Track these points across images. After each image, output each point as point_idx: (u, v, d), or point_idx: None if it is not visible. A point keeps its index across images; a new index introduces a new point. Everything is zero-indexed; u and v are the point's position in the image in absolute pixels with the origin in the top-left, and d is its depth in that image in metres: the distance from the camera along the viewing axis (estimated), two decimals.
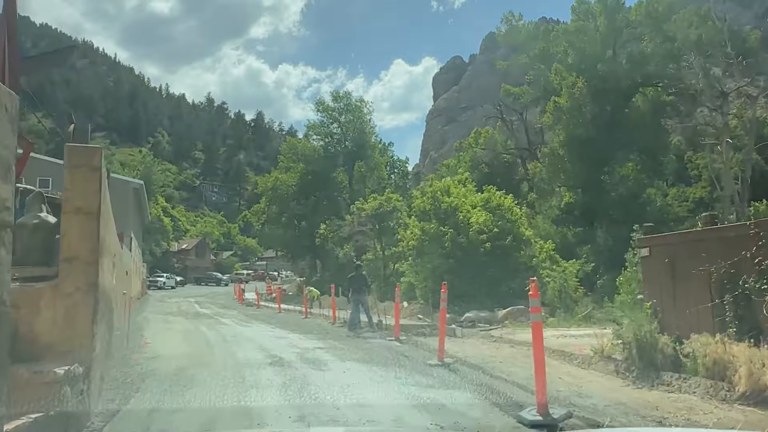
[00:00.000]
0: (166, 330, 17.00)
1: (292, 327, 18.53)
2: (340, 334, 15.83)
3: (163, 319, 22.68)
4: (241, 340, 14.04)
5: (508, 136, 55.15)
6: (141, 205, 35.15)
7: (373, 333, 15.94)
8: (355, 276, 17.43)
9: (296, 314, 26.72)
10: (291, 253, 49.21)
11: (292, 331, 16.89)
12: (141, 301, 37.04)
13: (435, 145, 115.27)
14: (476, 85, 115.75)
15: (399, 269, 34.37)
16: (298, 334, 15.77)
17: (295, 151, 46.62)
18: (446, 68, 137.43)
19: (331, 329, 17.95)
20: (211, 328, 18.07)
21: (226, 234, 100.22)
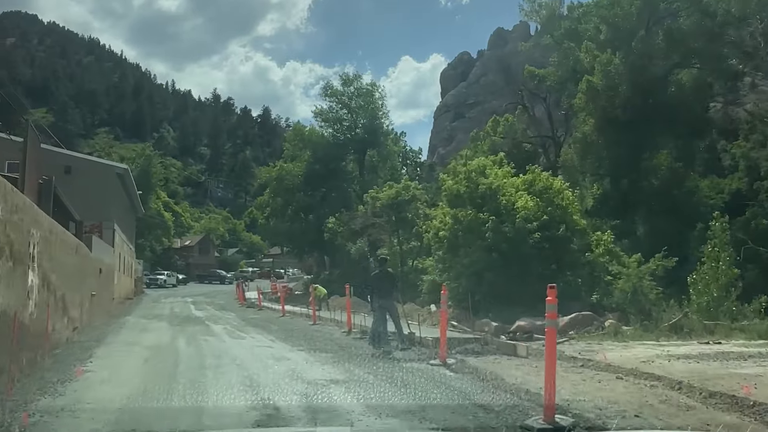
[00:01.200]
0: (131, 345, 12.78)
1: (296, 339, 14.29)
2: (361, 352, 11.56)
3: (142, 327, 18.48)
4: (224, 364, 9.79)
5: (528, 124, 50.68)
6: (130, 193, 30.97)
7: (405, 351, 11.66)
8: (381, 275, 13.13)
9: (303, 319, 22.50)
10: (297, 248, 44.96)
11: (296, 347, 12.64)
12: (131, 303, 32.92)
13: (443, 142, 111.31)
14: (484, 81, 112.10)
15: (420, 266, 30.10)
16: (304, 353, 11.51)
17: (301, 137, 42.33)
18: (454, 64, 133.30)
19: (346, 343, 13.68)
20: (193, 341, 13.83)
21: (231, 230, 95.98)
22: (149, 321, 21.25)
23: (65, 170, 25.27)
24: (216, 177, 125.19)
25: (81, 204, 24.58)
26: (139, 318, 22.84)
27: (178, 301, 35.09)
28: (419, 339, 12.65)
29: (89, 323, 17.23)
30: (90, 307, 17.33)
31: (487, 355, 11.66)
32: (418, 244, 30.09)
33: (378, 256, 16.75)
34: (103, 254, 21.88)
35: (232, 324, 19.80)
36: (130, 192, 31.08)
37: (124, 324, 19.37)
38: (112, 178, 25.47)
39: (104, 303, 21.70)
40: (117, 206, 27.22)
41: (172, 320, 21.42)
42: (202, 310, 28.61)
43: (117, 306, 27.45)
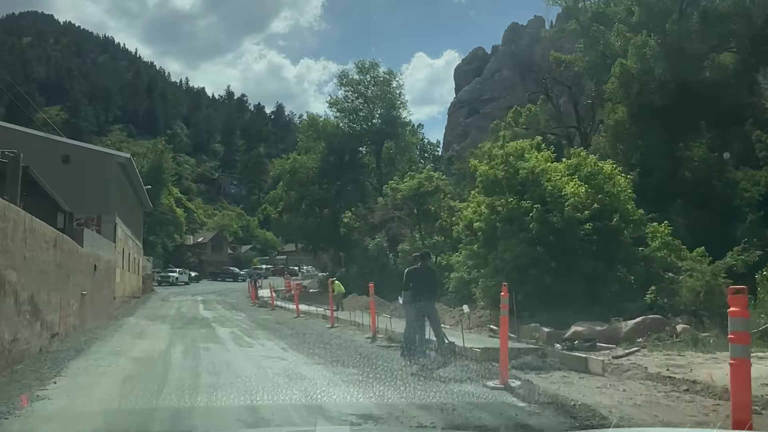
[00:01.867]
0: (117, 356, 10.58)
1: (313, 347, 12.01)
2: (394, 368, 9.24)
3: (140, 330, 16.33)
4: (222, 385, 7.56)
5: (552, 114, 48.03)
6: (135, 186, 28.90)
7: (447, 366, 9.35)
8: (421, 271, 10.82)
9: (319, 320, 20.26)
10: (312, 244, 42.71)
11: (312, 359, 10.36)
12: (137, 302, 30.90)
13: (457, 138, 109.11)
14: (499, 77, 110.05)
15: (445, 262, 27.75)
16: (323, 368, 9.23)
17: (315, 128, 40.04)
18: (468, 60, 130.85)
19: (373, 353, 11.37)
20: (192, 350, 11.61)
21: (244, 227, 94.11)
22: (150, 323, 19.13)
23: (63, 159, 23.28)
24: (229, 174, 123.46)
25: (79, 195, 22.58)
26: (141, 319, 20.75)
27: (187, 300, 33.04)
28: (462, 349, 10.31)
29: (80, 326, 15.12)
30: (80, 309, 15.20)
31: (550, 371, 9.32)
32: (442, 238, 27.72)
33: (419, 250, 14.24)
34: (101, 249, 19.79)
35: (241, 327, 17.59)
36: (135, 184, 29.02)
37: (121, 327, 17.26)
38: (113, 169, 23.40)
39: (102, 303, 19.62)
40: (120, 199, 25.17)
41: (175, 322, 19.28)
42: (210, 309, 26.50)
43: (120, 306, 25.41)
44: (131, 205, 31.24)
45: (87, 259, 16.31)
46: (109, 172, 23.33)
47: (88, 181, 23.07)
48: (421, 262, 10.92)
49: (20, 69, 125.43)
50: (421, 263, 10.86)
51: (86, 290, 15.94)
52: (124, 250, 26.32)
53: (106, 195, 23.04)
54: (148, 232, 57.02)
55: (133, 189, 29.83)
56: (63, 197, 21.70)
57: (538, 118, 46.47)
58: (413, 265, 11.10)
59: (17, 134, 23.11)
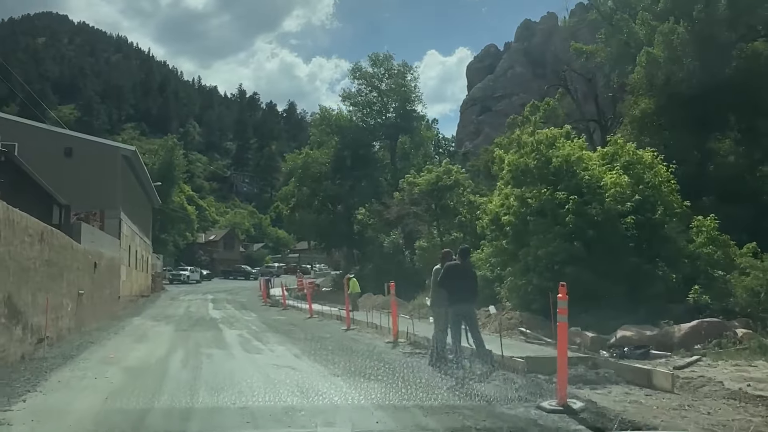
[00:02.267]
0: (108, 365, 9.31)
1: (329, 354, 10.65)
2: (426, 381, 7.88)
3: (142, 333, 15.09)
4: (222, 407, 6.25)
5: (570, 107, 46.35)
6: (142, 181, 27.72)
7: (488, 379, 7.95)
8: (459, 269, 9.36)
9: (334, 321, 18.94)
10: (325, 242, 41.39)
11: (329, 368, 9.02)
12: (145, 301, 29.78)
13: (470, 136, 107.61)
14: (512, 74, 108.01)
15: None
16: (343, 381, 7.88)
17: (328, 122, 38.69)
18: (480, 57, 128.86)
19: (397, 360, 10.00)
20: (193, 357, 10.31)
21: (256, 225, 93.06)
22: (155, 324, 17.90)
23: (65, 152, 22.13)
24: (242, 172, 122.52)
25: (82, 190, 21.46)
26: (146, 320, 19.54)
27: (197, 299, 31.91)
28: (500, 359, 8.91)
29: (76, 329, 13.89)
30: (77, 310, 13.97)
31: (606, 385, 7.93)
32: (461, 235, 26.29)
33: (447, 246, 12.75)
34: (103, 246, 18.60)
35: (250, 329, 16.30)
36: (141, 179, 27.85)
37: (123, 328, 16.02)
38: (118, 162, 22.22)
39: (104, 303, 18.42)
40: (126, 194, 24.00)
41: (181, 323, 18.04)
42: (220, 309, 25.30)
43: (126, 305, 24.25)
44: (139, 201, 30.10)
45: (85, 255, 15.07)
46: (114, 165, 22.15)
47: (91, 175, 21.92)
48: (461, 258, 9.46)
49: (34, 68, 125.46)
50: (461, 262, 9.40)
51: (84, 289, 14.70)
52: (130, 248, 25.18)
53: (110, 189, 21.89)
54: (159, 229, 56.08)
55: (141, 184, 28.68)
56: (65, 192, 20.57)
57: (557, 112, 44.85)
58: (448, 261, 9.63)
59: (18, 126, 22.00)
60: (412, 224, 28.69)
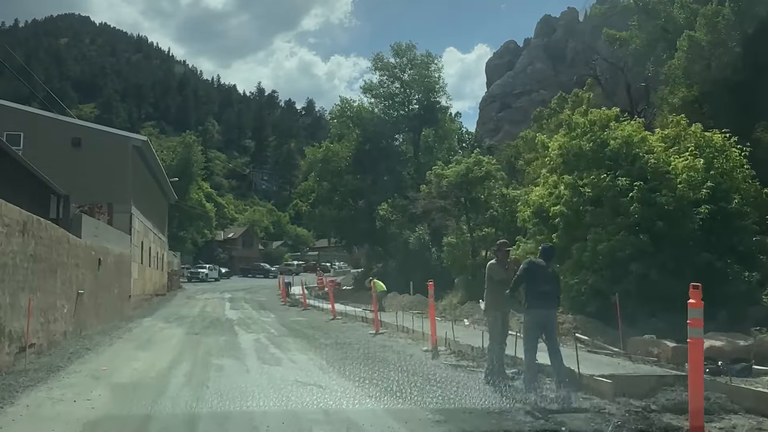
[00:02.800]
0: (96, 380, 7.73)
1: (359, 366, 8.96)
2: (484, 403, 6.13)
3: (148, 337, 13.52)
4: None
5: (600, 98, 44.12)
6: (156, 175, 26.25)
7: (571, 407, 6.16)
8: (541, 269, 7.33)
9: (359, 324, 17.24)
10: (346, 239, 39.63)
11: (363, 387, 7.32)
12: (160, 300, 28.37)
13: (489, 133, 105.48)
14: (531, 70, 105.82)
15: None
16: (382, 407, 6.14)
17: (349, 113, 36.93)
18: (500, 53, 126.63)
19: (443, 376, 8.24)
20: (201, 371, 8.68)
21: (275, 223, 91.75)
22: (166, 326, 16.37)
23: (73, 143, 20.73)
24: (260, 169, 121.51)
25: (91, 182, 20.04)
26: (157, 321, 18.04)
27: (214, 298, 30.45)
28: (578, 377, 7.11)
29: (75, 332, 12.37)
30: (76, 311, 12.45)
31: (723, 414, 6.12)
32: (492, 230, 24.45)
33: (543, 243, 10.63)
34: (111, 241, 17.11)
35: (268, 332, 14.65)
36: (155, 172, 26.39)
37: (129, 331, 14.48)
38: (128, 153, 20.76)
39: (112, 303, 16.93)
40: (137, 187, 22.54)
41: (194, 325, 16.46)
42: (237, 309, 23.75)
43: (138, 305, 22.81)
44: (153, 195, 28.68)
45: (87, 251, 13.55)
46: (124, 156, 20.70)
47: (100, 166, 20.49)
48: (545, 258, 7.53)
49: (56, 68, 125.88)
50: (545, 260, 7.50)
51: (86, 288, 13.18)
52: (143, 244, 23.75)
53: (120, 182, 20.45)
54: (177, 227, 54.93)
55: (154, 178, 27.24)
56: (72, 184, 19.11)
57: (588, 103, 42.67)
58: (532, 258, 7.78)
59: (24, 115, 20.65)
60: (440, 219, 26.85)
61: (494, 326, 8.04)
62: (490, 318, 8.21)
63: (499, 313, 8.02)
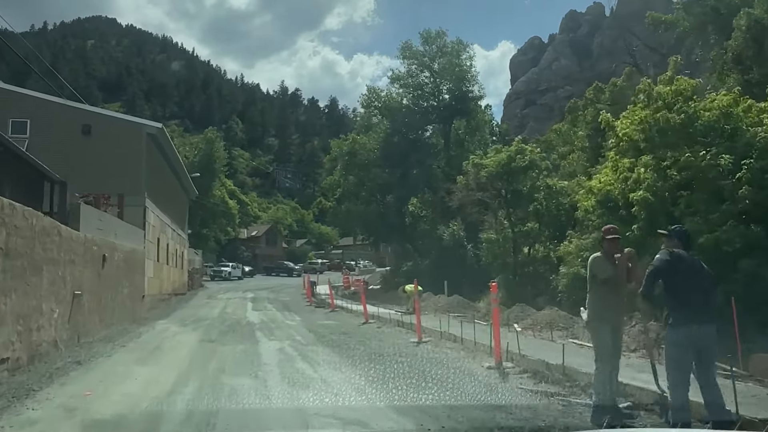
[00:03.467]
0: (70, 411, 5.76)
1: (410, 387, 6.85)
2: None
3: (156, 345, 11.65)
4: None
5: None
6: (174, 166, 24.45)
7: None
8: (684, 261, 5.17)
9: (395, 329, 15.13)
10: (373, 236, 37.49)
11: (424, 422, 5.18)
12: (179, 300, 26.69)
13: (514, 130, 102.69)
14: (557, 66, 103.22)
15: (538, 254, 22.26)
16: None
17: (377, 102, 34.81)
18: (524, 49, 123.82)
19: (525, 406, 6.10)
20: (207, 397, 6.67)
21: (299, 221, 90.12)
22: (179, 330, 14.51)
23: (83, 130, 19.04)
24: (284, 167, 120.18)
25: (102, 172, 18.34)
26: (171, 324, 16.21)
27: (236, 298, 28.68)
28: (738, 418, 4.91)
29: (70, 340, 10.52)
30: (72, 315, 10.59)
31: None
32: (536, 225, 22.21)
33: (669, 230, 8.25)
34: (119, 236, 15.31)
35: (294, 339, 12.65)
36: (173, 164, 24.64)
37: (136, 338, 12.62)
38: (142, 141, 19.01)
39: (122, 304, 15.13)
40: (153, 179, 20.79)
41: (211, 329, 14.56)
42: (260, 310, 21.89)
43: (154, 305, 21.08)
44: (171, 189, 26.97)
45: (87, 246, 11.71)
46: (137, 145, 18.95)
47: (112, 155, 18.76)
48: (682, 243, 5.36)
49: (82, 68, 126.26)
50: (683, 246, 5.33)
51: (84, 289, 11.34)
52: (159, 240, 22.02)
53: (133, 172, 18.70)
54: (200, 224, 53.55)
55: (172, 170, 25.49)
56: (82, 174, 17.44)
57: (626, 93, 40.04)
58: (675, 250, 5.49)
59: (30, 101, 19.02)
60: (477, 213, 24.64)
61: (601, 342, 5.91)
62: (596, 331, 6.06)
63: (607, 326, 5.89)
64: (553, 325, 14.03)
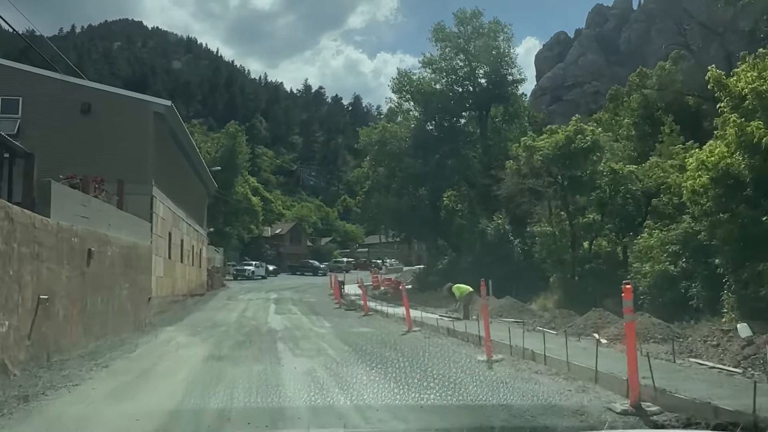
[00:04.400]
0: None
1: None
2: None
3: (151, 364, 8.94)
4: None
5: (692, 71, 37.60)
6: (186, 149, 21.47)
7: None
8: None
9: (449, 341, 12.18)
10: (406, 231, 34.46)
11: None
12: (198, 301, 24.18)
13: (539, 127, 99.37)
14: (583, 61, 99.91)
15: (600, 249, 19.17)
16: None
17: (408, 85, 31.82)
18: (549, 45, 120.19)
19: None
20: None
21: (323, 219, 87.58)
22: (185, 342, 11.83)
23: (82, 109, 16.49)
24: (308, 165, 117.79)
25: (104, 156, 15.79)
26: (180, 332, 13.57)
27: (258, 299, 26.08)
28: None
29: (35, 360, 7.85)
30: (35, 327, 7.92)
31: None
32: (598, 216, 19.11)
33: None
34: (116, 227, 12.67)
35: (326, 355, 9.84)
36: (187, 151, 22.00)
37: (128, 353, 9.95)
38: (149, 121, 16.38)
39: (118, 308, 12.49)
40: (164, 166, 18.20)
41: (223, 342, 11.83)
42: (284, 314, 19.19)
43: (167, 307, 18.53)
44: (186, 179, 24.41)
45: (63, 237, 9.06)
46: (144, 125, 16.35)
47: (115, 137, 16.19)
48: None
49: (107, 69, 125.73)
50: None
51: (56, 291, 8.68)
52: (171, 235, 19.43)
53: (137, 155, 16.10)
54: (223, 222, 51.27)
55: (186, 157, 22.83)
56: (82, 158, 14.93)
57: (676, 77, 36.48)
58: None
59: (23, 75, 16.53)
60: (527, 204, 21.59)
61: None
62: None
63: None
64: (648, 336, 11.00)
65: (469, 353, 9.95)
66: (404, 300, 14.71)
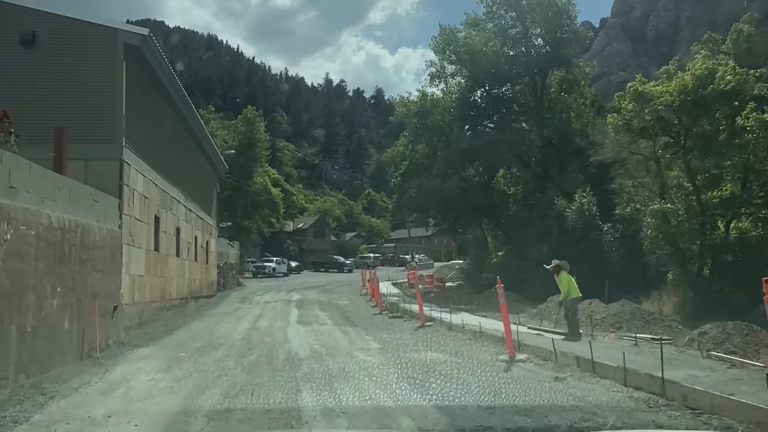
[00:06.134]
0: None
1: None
2: None
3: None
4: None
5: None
6: (180, 110, 16.19)
7: None
8: None
9: (598, 382, 6.66)
10: (452, 217, 28.62)
11: None
12: (204, 304, 19.19)
13: None
14: (609, 51, 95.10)
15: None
16: None
17: (454, 44, 26.20)
18: None
19: None
20: None
21: (347, 213, 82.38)
22: (142, 388, 6.69)
23: (23, 40, 11.48)
24: (331, 159, 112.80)
25: (52, 103, 10.86)
26: (147, 363, 8.53)
27: (276, 302, 21.00)
28: None
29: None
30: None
31: None
32: (737, 188, 13.58)
33: None
34: (52, 201, 7.60)
35: (392, 420, 4.60)
36: (183, 114, 16.91)
37: (9, 425, 4.79)
38: (118, 56, 11.33)
39: (50, 327, 7.41)
40: (146, 125, 13.17)
41: (207, 386, 6.70)
42: (309, 323, 14.03)
43: (155, 315, 13.50)
44: (186, 154, 19.45)
45: None
46: (110, 60, 11.39)
47: (69, 77, 11.20)
48: None
49: None
50: None
51: None
52: (159, 219, 14.38)
53: (101, 104, 11.13)
54: (242, 214, 46.55)
55: (184, 125, 17.89)
56: (20, 106, 9.98)
57: (754, 42, 30.45)
58: None
59: None
60: (629, 172, 16.09)
61: None
62: None
63: None
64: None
65: (618, 398, 4.63)
66: (503, 314, 9.11)
